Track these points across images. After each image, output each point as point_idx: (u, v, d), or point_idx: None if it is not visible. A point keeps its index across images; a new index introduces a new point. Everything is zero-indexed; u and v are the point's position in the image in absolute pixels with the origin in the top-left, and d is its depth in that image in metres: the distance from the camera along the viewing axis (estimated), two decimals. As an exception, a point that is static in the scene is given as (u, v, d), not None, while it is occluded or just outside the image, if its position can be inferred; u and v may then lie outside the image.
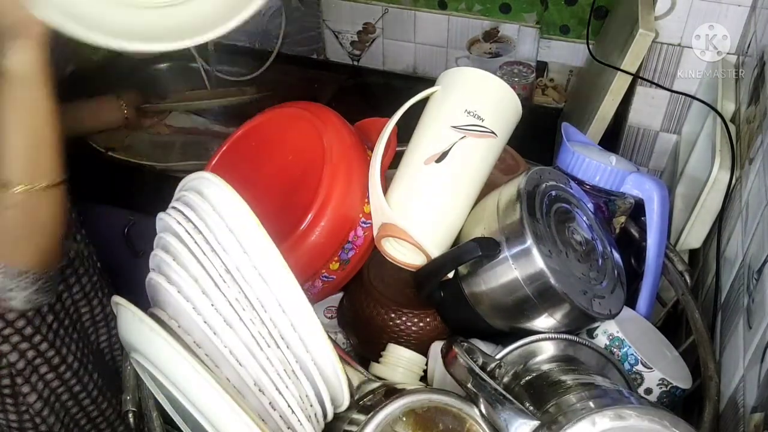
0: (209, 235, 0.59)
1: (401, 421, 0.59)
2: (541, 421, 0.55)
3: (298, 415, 0.59)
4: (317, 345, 0.60)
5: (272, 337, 0.58)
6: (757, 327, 0.66)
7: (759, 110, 0.85)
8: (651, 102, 1.14)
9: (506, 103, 0.78)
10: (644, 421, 0.53)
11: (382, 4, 1.43)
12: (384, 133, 0.76)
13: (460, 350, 0.61)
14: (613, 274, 0.73)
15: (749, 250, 0.75)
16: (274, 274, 0.59)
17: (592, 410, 0.54)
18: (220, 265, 0.58)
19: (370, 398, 0.66)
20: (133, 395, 0.72)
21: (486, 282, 0.69)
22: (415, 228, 0.72)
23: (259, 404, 0.58)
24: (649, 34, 1.00)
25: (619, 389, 0.60)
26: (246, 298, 0.58)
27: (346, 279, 0.78)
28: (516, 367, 0.68)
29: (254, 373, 0.57)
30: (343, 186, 0.73)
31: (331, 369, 0.61)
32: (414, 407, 0.59)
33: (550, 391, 0.61)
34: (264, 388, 0.58)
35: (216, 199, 0.60)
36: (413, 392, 0.60)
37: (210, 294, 0.57)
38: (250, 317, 0.58)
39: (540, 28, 1.36)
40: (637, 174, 0.80)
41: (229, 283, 0.58)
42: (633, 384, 0.70)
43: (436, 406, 0.59)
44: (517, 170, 0.88)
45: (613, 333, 0.72)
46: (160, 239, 0.62)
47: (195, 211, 0.60)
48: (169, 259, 0.59)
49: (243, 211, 0.59)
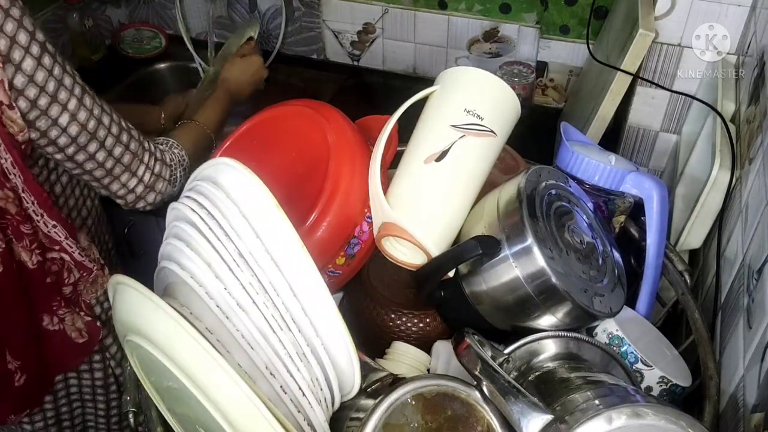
0: (223, 221, 0.59)
1: (410, 406, 0.60)
2: (555, 415, 0.55)
3: (309, 398, 0.59)
4: (331, 328, 0.61)
5: (284, 320, 0.59)
6: (757, 327, 0.66)
7: (759, 110, 0.85)
8: (651, 102, 1.14)
9: (505, 102, 0.78)
10: (661, 421, 0.53)
11: (382, 4, 1.44)
12: (384, 132, 0.76)
13: (472, 341, 0.62)
14: (613, 273, 0.73)
15: (749, 250, 0.75)
16: (291, 256, 0.59)
17: (607, 407, 0.54)
18: (233, 250, 0.58)
19: (378, 385, 0.66)
20: (133, 396, 0.72)
21: (487, 281, 0.69)
22: (415, 227, 0.72)
23: (270, 388, 0.58)
24: (649, 34, 1.00)
25: (628, 388, 0.60)
26: (259, 282, 0.58)
27: (352, 274, 0.79)
28: (520, 365, 0.68)
29: (266, 356, 0.57)
30: (348, 181, 0.73)
31: (344, 351, 0.61)
32: (423, 392, 0.60)
33: (559, 389, 0.61)
34: (275, 371, 0.58)
35: (230, 183, 0.61)
36: (422, 378, 0.61)
37: (223, 278, 0.58)
38: (263, 301, 0.58)
39: (540, 28, 1.36)
40: (637, 173, 0.80)
41: (242, 267, 0.58)
42: (637, 381, 0.70)
43: (445, 392, 0.60)
44: (516, 170, 0.88)
45: (612, 332, 0.72)
46: (173, 228, 0.62)
47: (208, 198, 0.60)
48: (182, 245, 0.59)
49: (261, 193, 0.59)
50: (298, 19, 1.53)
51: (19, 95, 0.75)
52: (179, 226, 0.61)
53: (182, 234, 0.61)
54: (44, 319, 0.93)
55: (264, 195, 0.59)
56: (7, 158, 0.77)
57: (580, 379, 0.62)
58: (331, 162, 0.74)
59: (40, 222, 0.84)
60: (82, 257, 0.90)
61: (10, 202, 0.81)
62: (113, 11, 1.65)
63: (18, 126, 0.76)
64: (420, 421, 0.59)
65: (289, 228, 0.59)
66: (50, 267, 0.90)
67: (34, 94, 0.76)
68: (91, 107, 0.82)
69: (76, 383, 1.04)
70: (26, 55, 0.74)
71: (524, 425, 0.55)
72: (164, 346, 0.56)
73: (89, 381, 1.04)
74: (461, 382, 0.61)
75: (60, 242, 0.87)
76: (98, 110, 0.83)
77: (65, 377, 1.02)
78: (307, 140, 0.77)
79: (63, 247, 0.88)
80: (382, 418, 0.59)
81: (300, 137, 0.78)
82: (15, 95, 0.75)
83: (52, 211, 0.85)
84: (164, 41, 1.65)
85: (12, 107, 0.74)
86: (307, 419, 0.60)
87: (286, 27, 1.54)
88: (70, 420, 1.07)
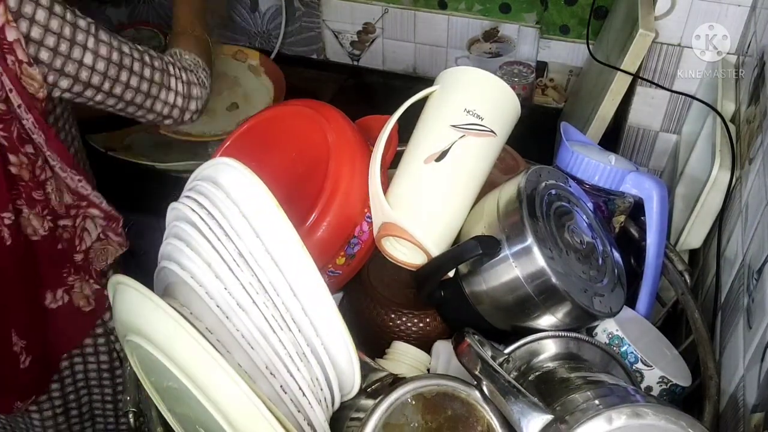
0: (223, 221, 0.59)
1: (410, 406, 0.60)
2: (555, 415, 0.55)
3: (309, 397, 0.59)
4: (332, 328, 0.61)
5: (284, 320, 0.59)
6: (757, 327, 0.66)
7: (759, 110, 0.85)
8: (651, 102, 1.14)
9: (505, 102, 0.78)
10: (661, 421, 0.53)
11: (382, 4, 1.43)
12: (384, 132, 0.76)
13: (472, 341, 0.62)
14: (613, 273, 0.73)
15: (749, 250, 0.75)
16: (291, 255, 0.59)
17: (607, 407, 0.54)
18: (233, 249, 0.58)
19: (378, 385, 0.66)
20: (133, 395, 0.72)
21: (487, 281, 0.69)
22: (415, 227, 0.72)
23: (270, 388, 0.58)
24: (649, 34, 1.00)
25: (628, 388, 0.60)
26: (259, 281, 0.58)
27: (352, 274, 0.79)
28: (520, 365, 0.68)
29: (266, 356, 0.57)
30: (348, 181, 0.73)
31: (344, 351, 0.62)
32: (423, 392, 0.60)
33: (560, 389, 0.61)
34: (275, 371, 0.58)
35: (230, 183, 0.61)
36: (422, 378, 0.61)
37: (223, 278, 0.58)
38: (263, 300, 0.58)
39: (540, 28, 1.36)
40: (637, 173, 0.80)
41: (242, 267, 0.58)
42: (637, 381, 0.70)
43: (445, 392, 0.60)
44: (516, 170, 0.88)
45: (612, 331, 0.72)
46: (173, 228, 0.62)
47: (208, 198, 0.61)
48: (182, 245, 0.60)
49: (261, 193, 0.59)
50: (298, 19, 1.53)
51: (40, 46, 0.77)
52: (179, 225, 0.61)
53: (182, 234, 0.61)
54: (47, 297, 0.93)
55: (264, 195, 0.60)
56: (28, 118, 0.79)
57: (580, 379, 0.62)
58: (331, 162, 0.74)
59: (67, 178, 0.87)
60: (109, 207, 0.93)
61: (23, 168, 0.83)
62: (113, 11, 1.65)
63: (38, 83, 0.78)
64: (420, 420, 0.60)
65: (289, 228, 0.59)
66: (62, 234, 0.91)
67: (53, 42, 0.78)
68: (109, 41, 0.85)
69: (81, 368, 1.04)
70: (37, 7, 0.76)
71: (524, 425, 0.55)
72: (164, 346, 0.56)
73: (95, 365, 1.06)
74: (461, 382, 0.61)
75: (87, 196, 0.90)
76: (116, 42, 0.86)
77: (71, 362, 1.03)
78: (307, 140, 0.77)
79: (90, 200, 0.91)
80: (383, 418, 0.59)
81: (300, 137, 0.78)
82: (35, 48, 0.77)
83: (77, 166, 0.88)
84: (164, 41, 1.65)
85: (31, 64, 0.77)
86: (307, 419, 0.60)
87: (286, 27, 1.54)
88: (78, 408, 1.08)
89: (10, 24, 0.74)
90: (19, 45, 0.75)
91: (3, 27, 0.73)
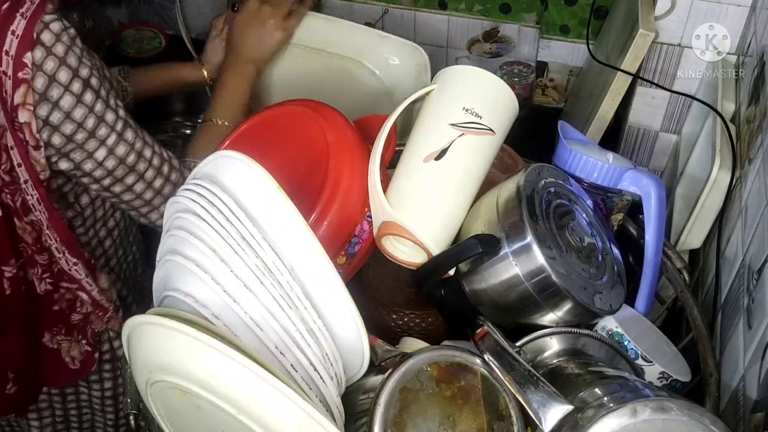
0: (223, 206, 0.59)
1: (426, 373, 0.62)
2: (576, 406, 0.55)
3: (321, 372, 0.59)
4: (339, 304, 0.61)
5: (291, 298, 0.59)
6: (757, 327, 0.66)
7: (759, 110, 0.85)
8: (651, 102, 1.14)
9: (503, 100, 0.78)
10: (684, 417, 0.53)
11: (382, 4, 1.43)
12: (383, 131, 0.76)
13: (491, 328, 0.63)
14: (612, 270, 0.73)
15: (749, 250, 0.75)
16: (292, 234, 0.60)
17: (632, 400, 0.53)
18: (236, 233, 0.58)
19: (389, 362, 0.67)
20: (134, 398, 0.72)
21: (487, 279, 0.69)
22: (415, 225, 0.72)
23: (281, 367, 0.58)
24: (649, 34, 1.00)
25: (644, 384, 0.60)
26: (264, 262, 0.59)
27: (353, 273, 0.79)
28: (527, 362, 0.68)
29: (275, 335, 0.58)
30: (348, 181, 0.73)
31: (353, 326, 0.62)
32: (439, 361, 0.63)
33: (575, 382, 0.61)
34: (285, 349, 0.58)
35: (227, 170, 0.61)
36: (438, 347, 0.65)
37: (229, 261, 0.58)
38: (270, 281, 0.58)
39: (540, 28, 1.36)
40: (635, 171, 0.80)
41: (247, 251, 0.58)
42: (642, 376, 0.70)
43: (459, 362, 0.63)
44: (514, 168, 0.88)
45: (612, 329, 0.72)
46: (174, 219, 0.62)
47: (207, 188, 0.61)
48: (185, 234, 0.60)
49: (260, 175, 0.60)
50: (298, 20, 1.53)
51: (54, 131, 0.75)
52: (182, 216, 0.61)
53: (185, 224, 0.61)
54: (45, 336, 0.92)
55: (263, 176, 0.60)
56: (33, 195, 0.78)
57: (594, 374, 0.62)
58: (331, 161, 0.73)
59: (62, 260, 0.84)
60: (99, 297, 0.89)
61: (27, 233, 0.81)
62: (113, 11, 1.65)
63: (40, 166, 0.76)
64: (435, 388, 0.62)
65: (289, 205, 0.60)
66: (63, 295, 0.89)
67: (71, 129, 0.76)
68: (133, 141, 0.82)
69: (86, 393, 1.04)
70: (65, 92, 0.74)
71: (543, 415, 0.55)
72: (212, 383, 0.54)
73: (99, 392, 1.04)
74: (476, 356, 0.63)
75: (79, 280, 0.87)
76: (140, 143, 0.83)
77: (77, 389, 1.02)
78: (307, 140, 0.77)
79: (82, 285, 0.87)
80: (401, 382, 0.61)
81: (299, 137, 0.78)
82: (49, 132, 0.75)
83: (76, 249, 0.85)
84: (164, 41, 1.65)
85: (38, 147, 0.75)
86: (319, 395, 0.60)
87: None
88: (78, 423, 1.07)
89: (26, 106, 0.72)
90: (29, 128, 0.73)
91: (17, 107, 0.71)
